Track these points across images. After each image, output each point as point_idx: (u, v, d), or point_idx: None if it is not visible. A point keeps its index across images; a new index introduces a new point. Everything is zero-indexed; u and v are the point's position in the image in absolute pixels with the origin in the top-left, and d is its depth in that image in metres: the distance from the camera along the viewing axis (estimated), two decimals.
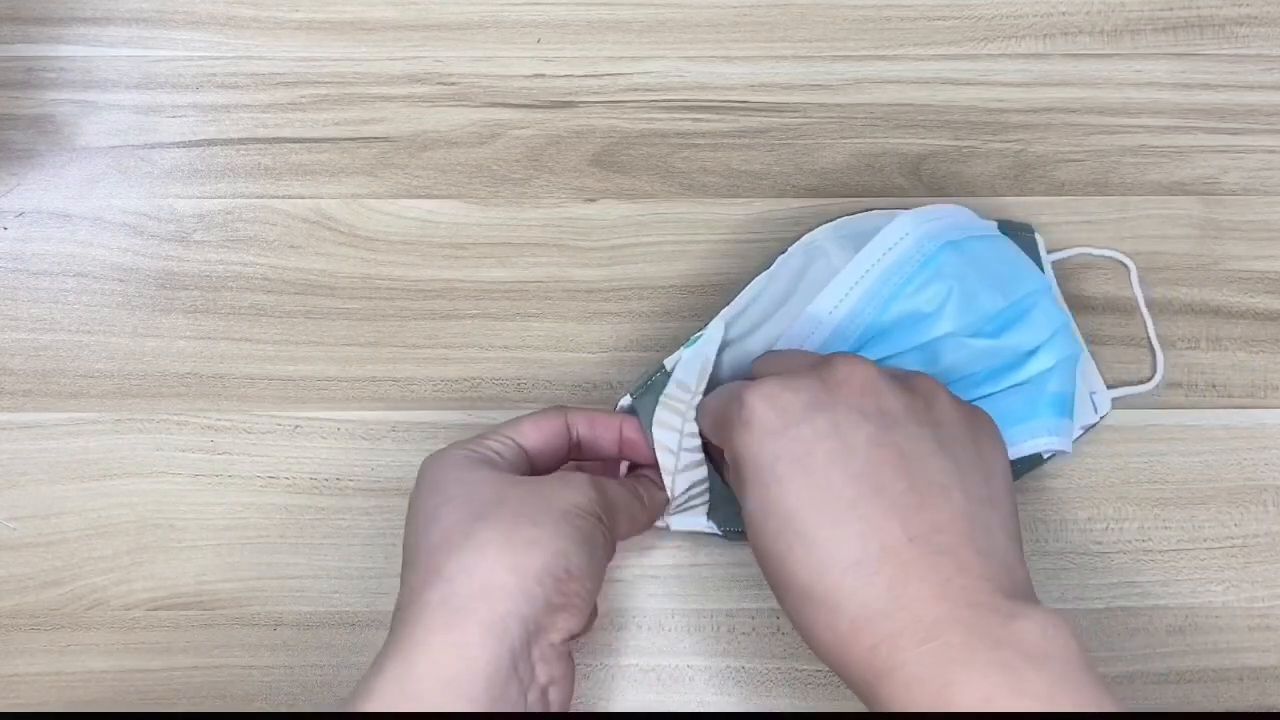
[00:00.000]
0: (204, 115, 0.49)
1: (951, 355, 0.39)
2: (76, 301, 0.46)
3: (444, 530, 0.34)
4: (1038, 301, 0.40)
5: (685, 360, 0.40)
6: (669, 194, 0.48)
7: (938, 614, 0.30)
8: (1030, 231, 0.45)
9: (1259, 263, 0.47)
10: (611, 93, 0.49)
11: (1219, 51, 0.50)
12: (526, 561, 0.32)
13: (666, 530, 0.40)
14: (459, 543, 0.33)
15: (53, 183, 0.48)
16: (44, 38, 0.50)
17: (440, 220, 0.47)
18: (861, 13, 0.51)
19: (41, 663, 0.41)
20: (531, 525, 0.33)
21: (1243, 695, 0.41)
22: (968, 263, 0.39)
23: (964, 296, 0.38)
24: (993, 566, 0.31)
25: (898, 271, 0.39)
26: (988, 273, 0.39)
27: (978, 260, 0.39)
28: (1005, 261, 0.40)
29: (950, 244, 0.39)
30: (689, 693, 0.41)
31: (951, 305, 0.38)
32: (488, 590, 0.32)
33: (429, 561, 0.33)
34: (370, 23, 0.51)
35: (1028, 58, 0.50)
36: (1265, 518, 0.43)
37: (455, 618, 0.31)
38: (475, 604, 0.32)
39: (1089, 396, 0.42)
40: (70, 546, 0.42)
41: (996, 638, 0.29)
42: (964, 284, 0.38)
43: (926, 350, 0.39)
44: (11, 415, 0.44)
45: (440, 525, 0.34)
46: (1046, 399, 0.39)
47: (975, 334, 0.39)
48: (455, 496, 0.34)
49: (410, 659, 0.31)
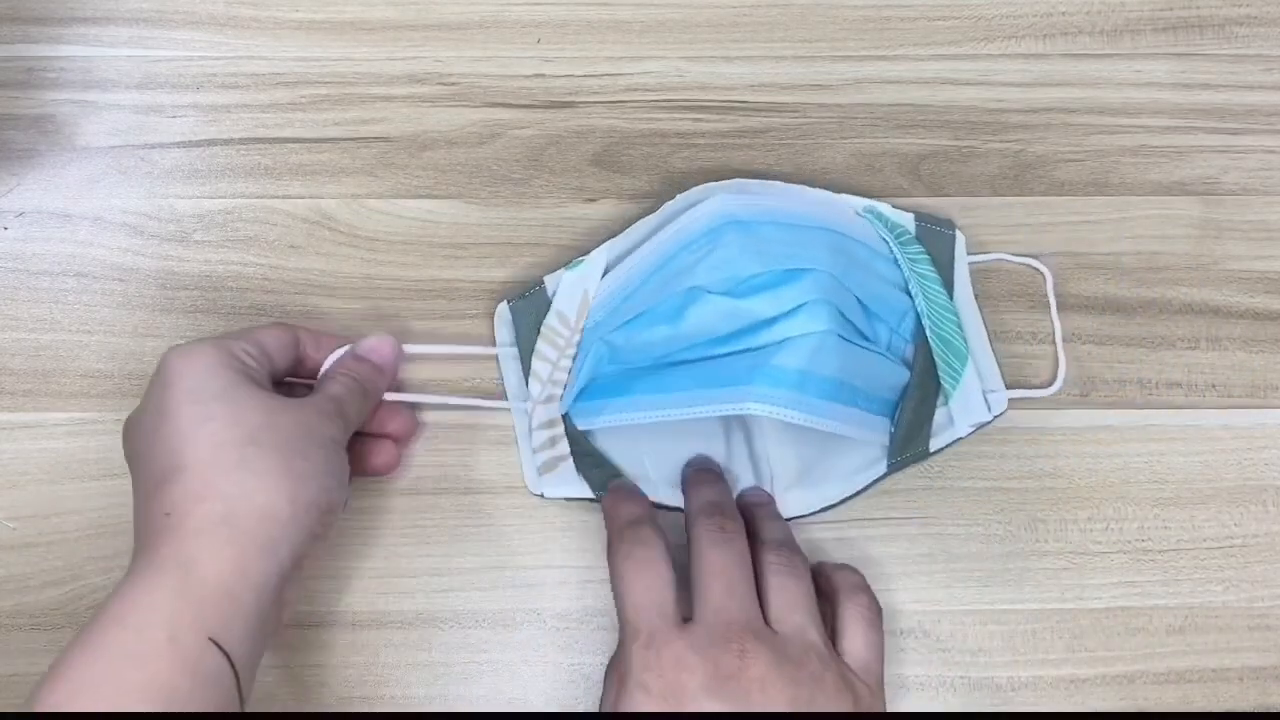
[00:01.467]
0: (204, 115, 0.49)
1: (697, 307, 0.40)
2: (76, 301, 0.46)
3: (214, 447, 0.34)
4: (797, 278, 0.40)
5: (565, 287, 0.44)
6: (669, 194, 0.48)
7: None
8: (951, 228, 0.46)
9: (1258, 263, 0.47)
10: (611, 93, 0.49)
11: (1219, 51, 0.50)
12: (302, 494, 0.34)
13: (540, 497, 0.42)
14: (233, 463, 0.34)
15: (53, 183, 0.48)
16: (44, 38, 0.50)
17: (440, 220, 0.47)
18: (861, 13, 0.51)
19: (42, 663, 0.41)
20: (303, 458, 0.35)
21: (1243, 695, 0.41)
22: (744, 235, 0.41)
23: (723, 259, 0.40)
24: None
25: (679, 238, 0.42)
26: (757, 245, 0.40)
27: (755, 236, 0.41)
28: (791, 244, 0.41)
29: (737, 222, 0.41)
30: None
31: (707, 262, 0.40)
32: (267, 516, 0.34)
33: (200, 474, 0.34)
34: (370, 23, 0.51)
35: (1028, 58, 0.50)
36: (1265, 518, 0.43)
37: (237, 536, 0.33)
38: (256, 527, 0.33)
39: (983, 395, 0.43)
40: (70, 546, 0.42)
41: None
42: (726, 249, 0.40)
43: (681, 299, 0.41)
44: (11, 415, 0.44)
45: (209, 441, 0.34)
46: (767, 369, 0.39)
47: (724, 293, 0.40)
48: (219, 415, 0.35)
49: (190, 564, 0.32)
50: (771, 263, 0.40)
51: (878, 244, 0.44)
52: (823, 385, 0.39)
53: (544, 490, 0.42)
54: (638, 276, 0.43)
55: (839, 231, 0.43)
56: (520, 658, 0.41)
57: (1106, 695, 0.41)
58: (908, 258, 0.44)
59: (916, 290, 0.43)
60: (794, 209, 0.43)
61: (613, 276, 0.43)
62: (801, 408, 0.38)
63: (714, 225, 0.41)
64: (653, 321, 0.41)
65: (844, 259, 0.42)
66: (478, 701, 0.41)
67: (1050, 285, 0.46)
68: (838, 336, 0.39)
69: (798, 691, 0.33)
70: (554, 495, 0.42)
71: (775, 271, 0.40)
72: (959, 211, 0.47)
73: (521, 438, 0.43)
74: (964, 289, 0.45)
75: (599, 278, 0.44)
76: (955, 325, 0.44)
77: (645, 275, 0.42)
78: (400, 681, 0.41)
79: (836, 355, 0.39)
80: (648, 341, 0.41)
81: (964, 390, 0.42)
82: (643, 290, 0.42)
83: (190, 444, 0.34)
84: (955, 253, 0.45)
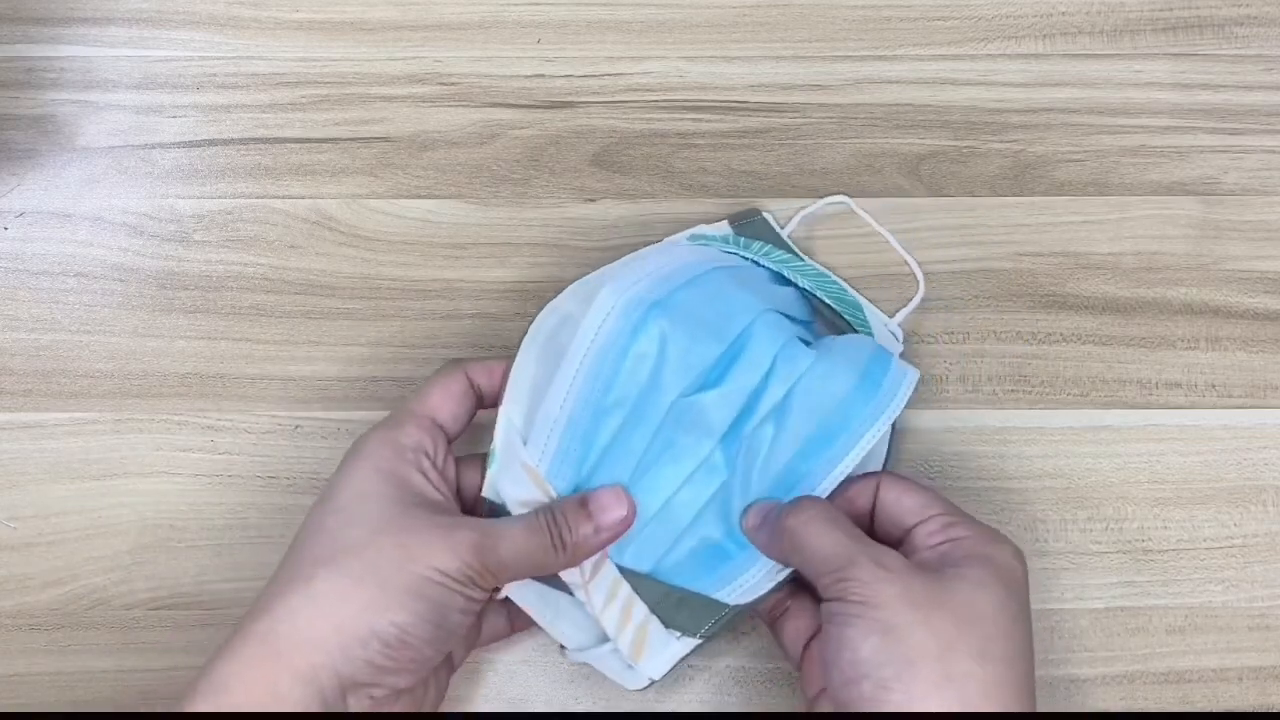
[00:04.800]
0: (204, 115, 0.49)
1: (688, 416, 0.37)
2: (76, 301, 0.46)
3: (300, 560, 0.34)
4: (753, 333, 0.38)
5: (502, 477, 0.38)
6: (669, 194, 0.48)
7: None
8: (758, 214, 0.46)
9: (1258, 263, 0.47)
10: (611, 93, 0.49)
11: (1219, 51, 0.50)
12: (354, 623, 0.32)
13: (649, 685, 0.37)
14: (299, 582, 0.33)
15: (53, 183, 0.48)
16: (44, 38, 0.50)
17: (440, 220, 0.47)
18: (861, 13, 0.51)
19: (42, 663, 0.41)
20: (377, 588, 0.33)
21: (1243, 695, 0.41)
22: (677, 319, 0.37)
23: (682, 355, 0.37)
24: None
25: (613, 348, 0.37)
26: (699, 322, 0.37)
27: (687, 311, 0.37)
28: (716, 300, 0.38)
29: (655, 305, 0.37)
30: (689, 693, 0.41)
31: (668, 370, 0.37)
32: (306, 641, 0.32)
33: (273, 586, 0.34)
34: (370, 23, 0.51)
35: (1028, 58, 0.50)
36: (1265, 518, 0.43)
37: (270, 659, 0.32)
38: (291, 651, 0.32)
39: (886, 329, 0.43)
40: (70, 546, 0.42)
41: None
42: (676, 344, 0.37)
43: (667, 420, 0.37)
44: (11, 415, 0.44)
45: (302, 553, 0.34)
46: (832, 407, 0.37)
47: (701, 389, 0.37)
48: (329, 528, 0.34)
49: (228, 685, 0.32)
50: (724, 335, 0.38)
51: (735, 260, 0.43)
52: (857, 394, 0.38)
53: (651, 674, 0.37)
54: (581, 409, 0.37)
55: (719, 266, 0.41)
56: (520, 658, 0.41)
57: (1106, 695, 0.41)
58: (760, 254, 0.43)
59: (791, 274, 0.43)
60: (673, 267, 0.39)
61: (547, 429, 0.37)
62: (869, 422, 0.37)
63: (635, 320, 0.37)
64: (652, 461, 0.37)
65: (748, 286, 0.40)
66: (478, 701, 0.41)
67: (856, 208, 0.46)
68: (819, 360, 0.38)
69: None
70: (664, 672, 0.37)
71: (732, 341, 0.38)
72: (961, 212, 0.47)
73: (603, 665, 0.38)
74: (805, 257, 0.45)
75: (523, 446, 0.38)
76: (834, 283, 0.44)
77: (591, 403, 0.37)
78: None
79: (832, 370, 0.38)
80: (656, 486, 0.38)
81: (876, 333, 0.43)
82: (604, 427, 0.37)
83: (292, 554, 0.34)
84: (776, 230, 0.45)
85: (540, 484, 0.37)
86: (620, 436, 0.37)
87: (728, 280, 0.40)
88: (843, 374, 0.38)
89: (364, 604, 0.33)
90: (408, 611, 0.33)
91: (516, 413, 0.38)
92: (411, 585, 0.33)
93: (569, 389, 0.37)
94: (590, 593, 0.37)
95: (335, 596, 0.33)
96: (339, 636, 0.32)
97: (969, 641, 0.32)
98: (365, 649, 0.32)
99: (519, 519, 0.36)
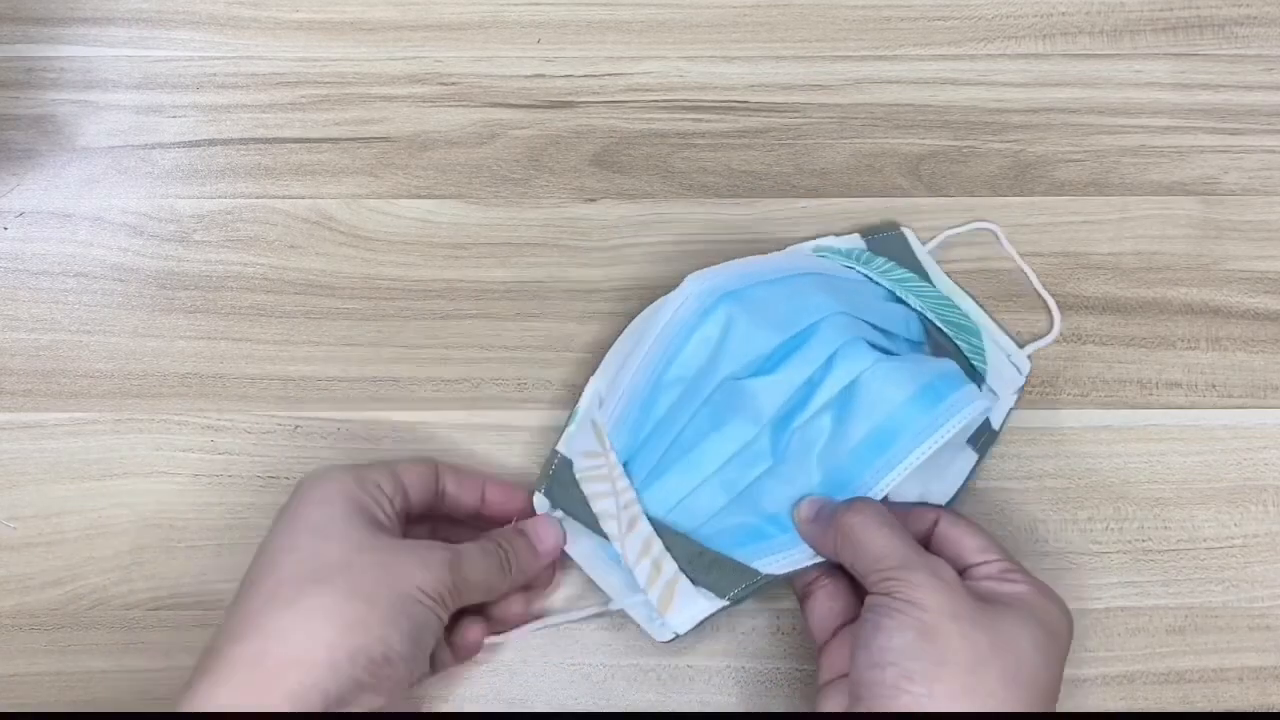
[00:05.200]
0: (204, 115, 0.49)
1: (738, 399, 0.39)
2: (76, 301, 0.46)
3: (279, 580, 0.34)
4: (814, 331, 0.39)
5: (576, 440, 0.41)
6: (669, 194, 0.48)
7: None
8: (896, 228, 0.46)
9: (1259, 263, 0.47)
10: (611, 93, 0.49)
11: (1219, 51, 0.50)
12: (344, 640, 0.33)
13: (674, 639, 0.38)
14: (288, 601, 0.33)
15: (53, 183, 0.48)
16: (44, 38, 0.50)
17: (440, 220, 0.47)
18: (861, 13, 0.51)
19: (42, 663, 0.41)
20: (365, 604, 0.33)
21: (1243, 695, 0.41)
22: (746, 308, 0.39)
23: (740, 340, 0.39)
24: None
25: (682, 328, 0.39)
26: (766, 314, 0.39)
27: (758, 303, 0.39)
28: (793, 298, 0.40)
29: (728, 294, 0.39)
30: (689, 693, 0.41)
31: (726, 349, 0.39)
32: (298, 661, 0.32)
33: (249, 610, 0.33)
34: (370, 23, 0.51)
35: (1028, 58, 0.50)
36: (1265, 518, 0.43)
37: (262, 681, 0.32)
38: (284, 671, 0.32)
39: (1009, 360, 0.43)
40: (70, 546, 0.42)
41: None
42: (737, 329, 0.39)
43: (716, 397, 0.39)
44: (11, 415, 0.44)
45: (278, 573, 0.34)
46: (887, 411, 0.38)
47: (755, 373, 0.39)
48: (302, 548, 0.35)
49: (218, 704, 0.32)
50: (786, 327, 0.39)
51: (848, 273, 0.44)
52: (915, 403, 0.38)
53: (677, 628, 0.38)
54: (645, 382, 0.40)
55: (816, 273, 0.42)
56: (520, 658, 0.41)
57: (1106, 695, 0.41)
58: (879, 271, 0.44)
59: (905, 294, 0.43)
60: (766, 267, 0.41)
61: (617, 396, 0.41)
62: (925, 434, 0.37)
63: (706, 305, 0.39)
64: (699, 436, 0.39)
65: (838, 293, 0.41)
66: (478, 701, 0.41)
67: (1003, 238, 0.46)
68: (883, 363, 0.39)
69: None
70: (688, 627, 0.38)
71: (794, 334, 0.39)
72: (960, 212, 0.47)
73: (637, 614, 0.39)
74: (938, 275, 0.45)
75: (599, 407, 0.41)
76: (953, 308, 0.44)
77: (653, 377, 0.40)
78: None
79: (894, 376, 0.38)
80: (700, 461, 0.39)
81: (993, 363, 0.43)
82: (662, 399, 0.40)
83: (264, 575, 0.34)
84: (913, 248, 0.46)
85: (602, 440, 0.40)
86: (674, 410, 0.40)
87: (815, 284, 0.41)
88: (903, 381, 0.38)
89: (352, 621, 0.33)
90: (394, 629, 0.33)
91: (603, 383, 0.42)
92: (396, 603, 0.34)
93: (640, 363, 0.40)
94: (625, 546, 0.39)
95: (324, 614, 0.33)
96: (329, 654, 0.32)
97: (1001, 665, 0.32)
98: (353, 665, 0.32)
99: (473, 544, 0.37)
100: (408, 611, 0.34)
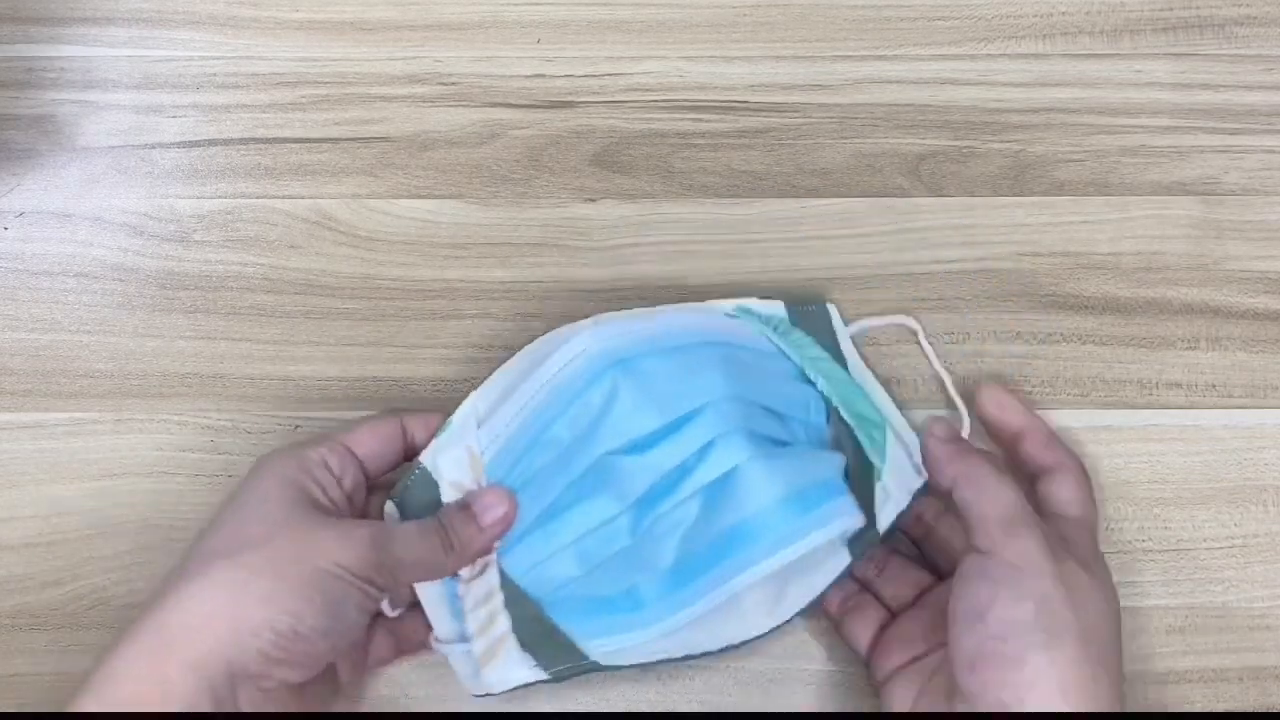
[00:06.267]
0: (204, 115, 0.49)
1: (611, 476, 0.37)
2: (76, 301, 0.46)
3: (194, 555, 0.34)
4: (697, 414, 0.38)
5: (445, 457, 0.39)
6: (669, 194, 0.48)
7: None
8: (822, 302, 0.44)
9: (1259, 263, 0.47)
10: (611, 93, 0.49)
11: (1219, 51, 0.50)
12: (248, 613, 0.33)
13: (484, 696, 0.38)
14: (196, 573, 0.33)
15: (53, 183, 0.48)
16: (44, 38, 0.50)
17: (440, 220, 0.47)
18: (861, 13, 0.51)
19: (43, 663, 0.41)
20: (274, 579, 0.33)
21: (1243, 695, 0.41)
22: (633, 381, 0.38)
23: (620, 418, 0.37)
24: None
25: (567, 390, 0.38)
26: (651, 390, 0.38)
27: (646, 378, 0.38)
28: (684, 376, 0.38)
29: (619, 363, 0.38)
30: (689, 693, 0.41)
31: (606, 425, 0.38)
32: (197, 630, 0.32)
33: (172, 580, 0.34)
34: (370, 23, 0.51)
35: (1028, 58, 0.50)
36: (1265, 518, 0.43)
37: (161, 649, 0.32)
38: (182, 639, 0.32)
39: (909, 459, 0.40)
40: (70, 546, 0.42)
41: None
42: (620, 405, 0.37)
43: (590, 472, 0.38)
44: (11, 415, 0.44)
45: (200, 549, 0.34)
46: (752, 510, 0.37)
47: (630, 450, 0.37)
48: (224, 524, 0.35)
49: (116, 675, 0.32)
50: (668, 410, 0.37)
51: (761, 342, 0.42)
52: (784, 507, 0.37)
53: (491, 687, 0.37)
54: (522, 433, 0.39)
55: (722, 342, 0.40)
56: None
57: None
58: (794, 345, 0.42)
59: (815, 375, 0.41)
60: (669, 329, 0.40)
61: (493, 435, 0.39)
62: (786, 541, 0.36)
63: (594, 372, 0.38)
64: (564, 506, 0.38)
65: (736, 370, 0.39)
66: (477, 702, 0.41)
67: (922, 337, 0.45)
68: (760, 459, 0.37)
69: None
70: (502, 690, 0.37)
71: (675, 418, 0.38)
72: (959, 211, 0.47)
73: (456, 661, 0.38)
74: (854, 360, 0.43)
75: (475, 429, 0.39)
76: (862, 396, 0.42)
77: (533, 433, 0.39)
78: (400, 681, 0.41)
79: (769, 474, 0.37)
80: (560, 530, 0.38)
81: (892, 460, 0.40)
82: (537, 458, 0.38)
83: (189, 553, 0.35)
84: (834, 327, 0.44)
85: (478, 470, 0.39)
86: (546, 472, 0.38)
87: (714, 359, 0.39)
88: (777, 482, 0.37)
89: (260, 595, 0.33)
90: (303, 601, 0.33)
91: (484, 405, 0.40)
92: (308, 577, 0.34)
93: (520, 410, 0.39)
94: (467, 591, 0.38)
95: (230, 586, 0.33)
96: (231, 625, 0.33)
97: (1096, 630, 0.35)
98: (258, 638, 0.33)
99: (412, 523, 0.37)
100: (321, 586, 0.34)
